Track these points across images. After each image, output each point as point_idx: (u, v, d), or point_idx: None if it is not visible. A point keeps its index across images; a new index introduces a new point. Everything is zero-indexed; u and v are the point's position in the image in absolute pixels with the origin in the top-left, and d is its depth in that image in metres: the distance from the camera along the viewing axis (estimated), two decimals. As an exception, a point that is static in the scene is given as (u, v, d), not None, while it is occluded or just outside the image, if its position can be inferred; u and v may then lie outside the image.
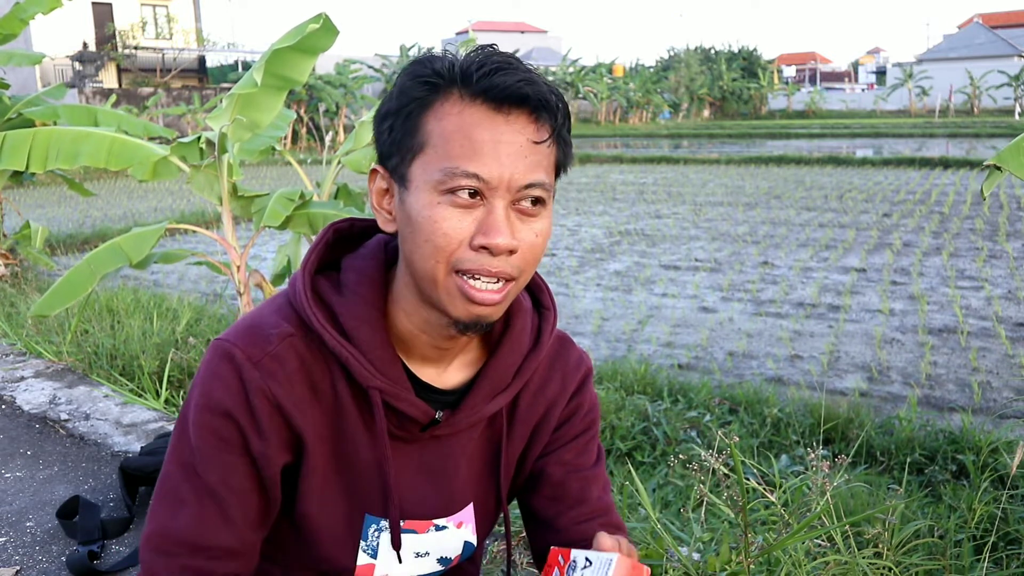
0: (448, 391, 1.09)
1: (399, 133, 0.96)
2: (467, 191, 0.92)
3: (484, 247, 0.93)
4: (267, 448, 1.02)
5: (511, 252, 0.94)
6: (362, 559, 1.12)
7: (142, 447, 2.89)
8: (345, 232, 1.11)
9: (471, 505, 1.19)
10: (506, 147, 0.92)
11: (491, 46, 0.97)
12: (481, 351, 1.12)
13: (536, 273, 1.16)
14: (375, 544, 1.12)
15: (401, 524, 1.12)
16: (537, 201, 0.96)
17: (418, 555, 1.15)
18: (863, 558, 1.83)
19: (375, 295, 1.04)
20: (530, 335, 1.13)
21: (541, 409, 1.17)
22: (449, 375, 1.10)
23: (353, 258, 1.08)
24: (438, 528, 1.15)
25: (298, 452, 1.06)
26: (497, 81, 0.92)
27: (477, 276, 0.94)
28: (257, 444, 1.02)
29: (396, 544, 1.10)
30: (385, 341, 1.03)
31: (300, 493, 1.08)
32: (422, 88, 0.94)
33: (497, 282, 0.95)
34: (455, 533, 1.17)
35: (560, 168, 1.00)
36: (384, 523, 1.11)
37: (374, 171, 1.02)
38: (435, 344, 1.05)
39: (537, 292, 1.18)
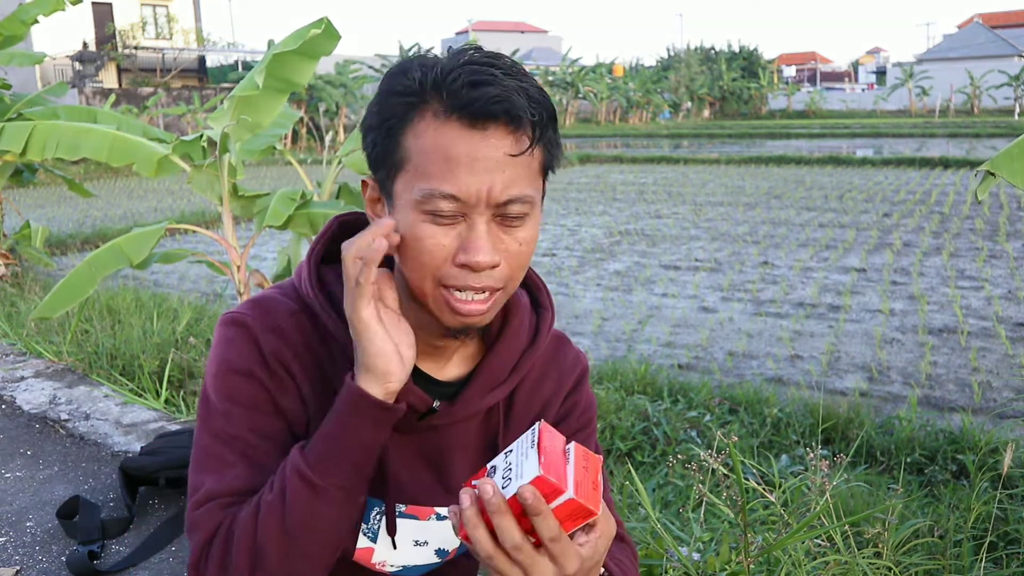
0: (446, 383, 1.11)
1: (381, 149, 0.97)
2: (447, 209, 0.93)
3: (465, 264, 0.94)
4: (291, 404, 1.05)
5: (494, 267, 0.95)
6: (362, 542, 1.12)
7: (142, 447, 2.89)
8: (350, 225, 1.13)
9: None
10: (483, 163, 0.92)
11: (472, 47, 0.96)
12: (479, 346, 1.15)
13: (534, 272, 1.19)
14: (376, 528, 1.13)
15: (403, 508, 1.13)
16: (521, 212, 0.96)
17: (416, 543, 1.16)
18: (863, 558, 1.84)
19: None
20: (527, 332, 1.15)
21: (537, 406, 1.20)
22: (448, 369, 1.12)
23: None
24: (439, 517, 1.16)
25: (305, 424, 1.08)
26: (472, 97, 0.91)
27: (462, 290, 0.96)
28: (282, 400, 1.05)
29: (391, 529, 1.11)
30: None
31: None
32: (400, 105, 0.95)
33: (483, 292, 0.97)
34: None
35: (547, 169, 1.01)
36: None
37: (364, 182, 1.04)
38: (430, 341, 1.06)
39: (535, 291, 1.20)
